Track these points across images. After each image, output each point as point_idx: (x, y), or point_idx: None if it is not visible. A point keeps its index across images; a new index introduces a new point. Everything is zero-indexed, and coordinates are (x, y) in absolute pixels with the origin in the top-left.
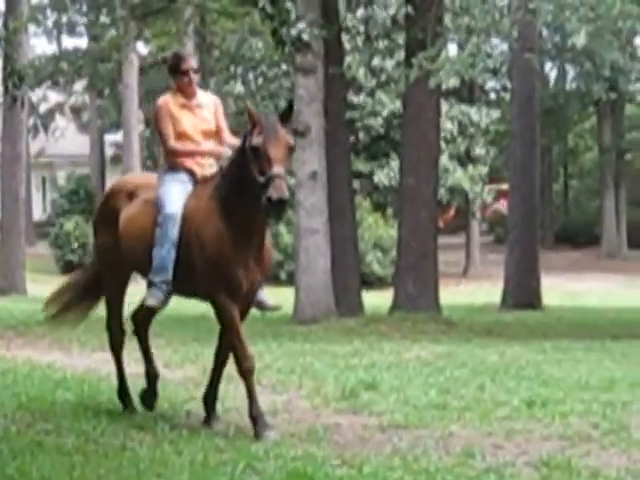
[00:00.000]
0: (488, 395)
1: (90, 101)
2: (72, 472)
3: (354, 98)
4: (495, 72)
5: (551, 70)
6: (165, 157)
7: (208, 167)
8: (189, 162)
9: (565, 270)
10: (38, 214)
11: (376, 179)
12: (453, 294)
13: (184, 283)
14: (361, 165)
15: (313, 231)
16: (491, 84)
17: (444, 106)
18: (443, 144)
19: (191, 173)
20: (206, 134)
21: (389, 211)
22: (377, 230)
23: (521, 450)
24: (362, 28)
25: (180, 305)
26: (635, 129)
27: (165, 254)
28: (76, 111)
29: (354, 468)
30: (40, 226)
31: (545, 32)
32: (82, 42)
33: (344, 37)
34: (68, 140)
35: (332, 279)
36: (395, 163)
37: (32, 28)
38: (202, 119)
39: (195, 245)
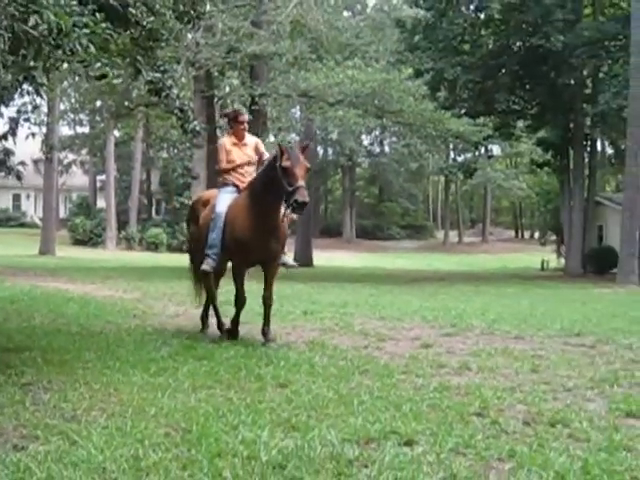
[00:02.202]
0: (285, 308)
1: (89, 159)
2: (74, 344)
3: None
4: None
5: (321, 149)
6: (220, 177)
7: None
8: (234, 179)
9: (325, 248)
10: (62, 214)
11: None
12: None
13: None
14: None
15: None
16: None
17: None
18: None
19: (235, 186)
20: (247, 163)
21: None
22: None
23: (300, 336)
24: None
25: (136, 259)
26: (361, 180)
27: (215, 236)
28: (82, 163)
29: (216, 343)
30: (63, 221)
31: (318, 131)
32: (86, 129)
33: (218, 130)
34: (77, 178)
35: None
36: None
37: (60, 121)
38: (245, 153)
39: (229, 227)
